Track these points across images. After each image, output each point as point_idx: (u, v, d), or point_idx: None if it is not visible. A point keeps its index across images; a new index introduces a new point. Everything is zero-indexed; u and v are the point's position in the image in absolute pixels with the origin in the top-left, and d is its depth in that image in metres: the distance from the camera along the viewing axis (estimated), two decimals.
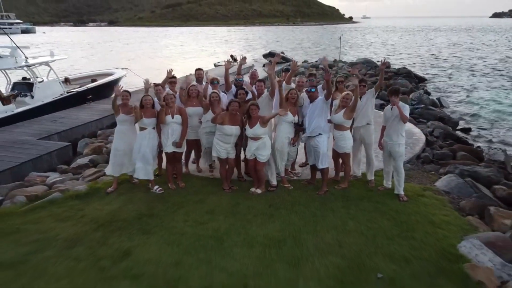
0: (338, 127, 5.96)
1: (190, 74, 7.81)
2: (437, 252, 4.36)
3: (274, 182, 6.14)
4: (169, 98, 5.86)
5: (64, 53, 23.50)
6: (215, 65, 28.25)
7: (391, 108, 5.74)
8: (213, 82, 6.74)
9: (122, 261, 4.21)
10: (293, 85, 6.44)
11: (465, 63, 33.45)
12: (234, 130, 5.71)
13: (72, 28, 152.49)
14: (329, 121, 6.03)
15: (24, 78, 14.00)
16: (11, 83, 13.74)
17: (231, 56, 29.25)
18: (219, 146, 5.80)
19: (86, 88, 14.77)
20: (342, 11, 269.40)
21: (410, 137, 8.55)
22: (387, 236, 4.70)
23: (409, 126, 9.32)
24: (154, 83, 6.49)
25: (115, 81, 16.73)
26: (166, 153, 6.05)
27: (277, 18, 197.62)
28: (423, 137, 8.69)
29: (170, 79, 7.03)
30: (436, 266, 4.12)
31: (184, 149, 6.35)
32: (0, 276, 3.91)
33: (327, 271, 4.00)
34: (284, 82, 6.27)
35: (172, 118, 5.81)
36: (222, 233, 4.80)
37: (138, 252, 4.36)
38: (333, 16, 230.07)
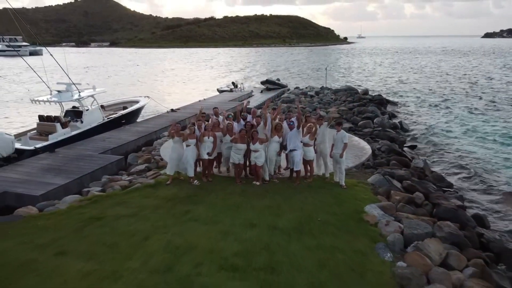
0: (306, 145, 9.86)
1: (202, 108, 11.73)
2: (353, 210, 8.22)
3: (267, 178, 10.00)
4: (206, 127, 9.80)
5: (86, 76, 27.54)
6: (218, 90, 32.27)
7: (337, 133, 9.68)
8: (228, 116, 10.69)
9: (185, 215, 8.03)
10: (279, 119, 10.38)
11: (437, 87, 37.94)
12: (243, 146, 9.61)
13: (76, 49, 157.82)
14: (301, 141, 9.94)
15: (73, 107, 17.95)
16: (64, 111, 17.69)
17: (233, 83, 33.53)
18: (234, 156, 9.69)
19: (121, 114, 18.76)
20: (338, 31, 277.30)
21: (361, 151, 12.50)
22: (328, 204, 8.56)
23: (362, 143, 13.31)
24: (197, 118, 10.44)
25: (141, 108, 20.81)
26: (202, 160, 9.93)
27: (274, 39, 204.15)
28: (370, 151, 12.63)
29: (202, 114, 10.96)
30: (351, 215, 7.98)
31: (211, 157, 10.22)
32: (129, 220, 7.74)
33: (294, 219, 7.83)
34: (271, 118, 10.21)
35: (208, 138, 9.71)
36: (237, 204, 8.62)
37: (193, 211, 8.19)
38: (328, 37, 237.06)
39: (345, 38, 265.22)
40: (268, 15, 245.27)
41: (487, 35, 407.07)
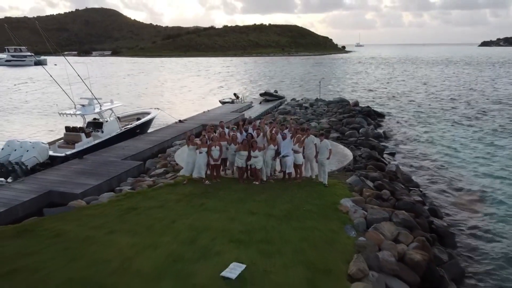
0: (296, 152, 12.21)
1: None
2: (331, 202, 10.54)
3: (264, 179, 12.33)
4: (214, 138, 12.16)
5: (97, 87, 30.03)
6: (220, 101, 34.68)
7: (321, 142, 12.04)
8: (233, 128, 13.08)
9: (200, 206, 10.35)
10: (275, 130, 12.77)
11: (423, 99, 40.46)
12: (246, 153, 11.95)
13: (78, 59, 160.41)
14: (292, 149, 12.29)
15: (94, 119, 20.33)
16: (86, 122, 20.06)
17: (234, 94, 36.00)
18: (238, 161, 12.02)
19: (136, 125, 21.14)
20: (336, 39, 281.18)
21: (343, 157, 14.87)
22: (312, 198, 10.89)
23: (345, 151, 15.69)
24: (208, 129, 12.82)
25: (153, 119, 23.21)
26: (211, 165, 12.26)
27: (273, 49, 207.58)
28: (351, 157, 14.99)
29: (211, 127, 13.33)
30: (329, 206, 10.31)
31: (219, 162, 12.55)
32: (158, 210, 10.06)
33: (285, 209, 10.14)
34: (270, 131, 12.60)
35: (215, 148, 12.06)
36: (241, 198, 10.94)
37: (207, 203, 10.51)
38: (326, 46, 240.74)
39: (343, 47, 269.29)
40: (267, 24, 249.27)
41: (484, 44, 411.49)
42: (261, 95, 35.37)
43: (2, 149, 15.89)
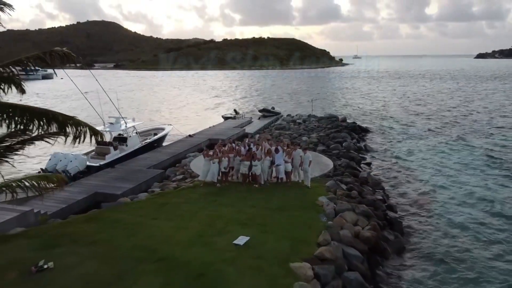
0: (286, 162, 15.93)
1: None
2: (312, 199, 14.23)
3: (262, 182, 16.00)
4: (224, 152, 15.92)
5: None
6: (223, 117, 38.48)
7: (304, 154, 15.78)
8: (237, 144, 16.84)
9: (214, 202, 14.02)
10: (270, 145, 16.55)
11: (405, 115, 44.47)
12: (248, 162, 15.66)
13: (81, 72, 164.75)
14: (284, 160, 15.99)
15: (119, 134, 24.07)
16: (112, 137, 23.79)
17: (234, 110, 39.86)
18: (242, 169, 15.73)
19: (153, 139, 24.90)
20: (334, 51, 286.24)
21: (325, 166, 18.59)
22: (298, 196, 14.59)
23: (328, 161, 19.44)
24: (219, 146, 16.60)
25: (167, 134, 26.97)
26: (222, 172, 15.97)
27: (271, 62, 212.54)
28: (331, 166, 18.70)
29: (221, 143, 17.09)
30: (310, 201, 14.01)
31: (227, 170, 16.24)
32: (184, 205, 13.75)
33: (278, 204, 13.82)
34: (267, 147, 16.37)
35: (225, 159, 15.77)
36: (244, 197, 14.61)
37: (219, 200, 14.19)
38: (324, 59, 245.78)
39: (341, 60, 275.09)
40: (266, 38, 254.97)
41: (480, 56, 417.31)
42: (259, 111, 39.21)
43: (50, 160, 19.57)
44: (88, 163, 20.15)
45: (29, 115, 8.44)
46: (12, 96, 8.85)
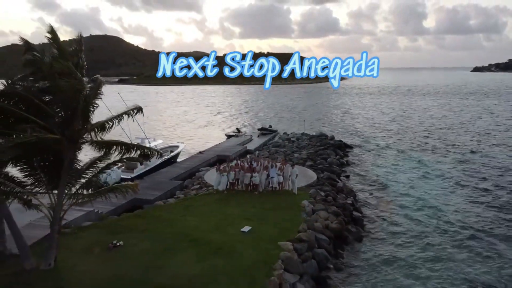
0: (279, 175, 21.05)
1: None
2: (296, 203, 19.31)
3: (260, 190, 21.09)
4: (232, 167, 21.07)
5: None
6: (226, 135, 43.67)
7: (293, 168, 20.92)
8: (242, 161, 22.03)
9: (226, 205, 19.10)
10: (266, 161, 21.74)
11: (388, 132, 49.78)
12: (250, 175, 20.77)
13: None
14: (277, 173, 21.11)
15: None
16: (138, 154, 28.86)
17: (237, 129, 45.13)
18: (245, 180, 20.84)
19: (171, 156, 30.06)
20: None
21: (310, 178, 23.69)
22: (287, 200, 19.69)
23: (312, 174, 24.58)
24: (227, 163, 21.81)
25: (181, 151, 32.14)
26: (230, 182, 21.06)
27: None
28: (315, 178, 23.81)
29: (230, 161, 22.26)
30: (295, 204, 19.08)
31: (234, 181, 21.32)
32: (203, 206, 18.85)
33: (272, 205, 18.91)
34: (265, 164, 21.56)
35: (232, 172, 20.88)
36: (247, 201, 19.68)
37: (229, 203, 19.27)
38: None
39: None
40: (265, 52, 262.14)
41: (476, 69, 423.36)
42: (258, 129, 44.47)
43: None
44: (122, 176, 25.22)
45: (113, 145, 13.55)
46: None
